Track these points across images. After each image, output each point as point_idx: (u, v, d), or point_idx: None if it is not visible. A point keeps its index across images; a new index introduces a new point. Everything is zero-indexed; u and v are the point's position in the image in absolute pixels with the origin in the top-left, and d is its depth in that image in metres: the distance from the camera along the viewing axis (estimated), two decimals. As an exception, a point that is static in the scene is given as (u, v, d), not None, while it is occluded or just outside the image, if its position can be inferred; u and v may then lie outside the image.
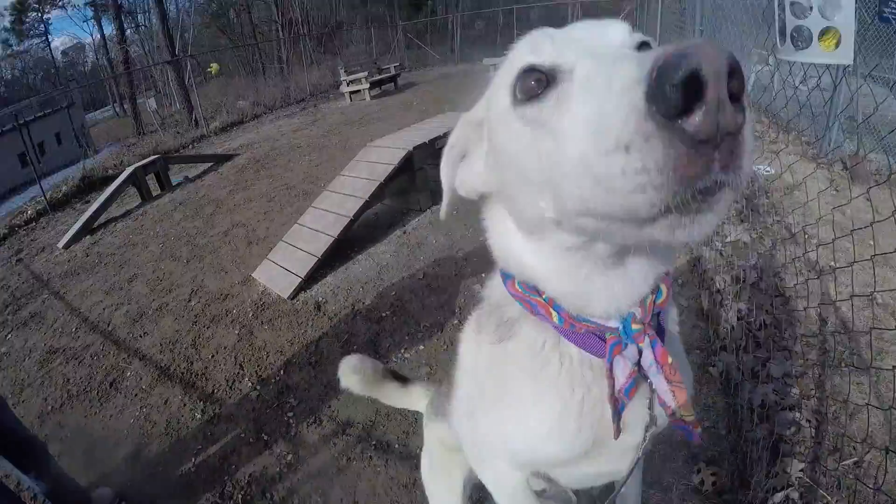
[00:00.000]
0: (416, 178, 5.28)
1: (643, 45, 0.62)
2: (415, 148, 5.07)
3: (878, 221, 1.84)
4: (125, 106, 22.50)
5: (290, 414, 3.07)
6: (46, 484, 2.43)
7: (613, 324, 0.72)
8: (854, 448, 2.11)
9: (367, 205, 4.78)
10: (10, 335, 4.57)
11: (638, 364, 0.73)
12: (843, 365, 2.61)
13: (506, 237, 0.77)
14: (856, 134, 4.54)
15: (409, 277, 4.25)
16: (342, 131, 9.96)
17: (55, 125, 20.70)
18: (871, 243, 2.44)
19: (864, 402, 1.89)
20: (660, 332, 0.76)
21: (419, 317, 3.74)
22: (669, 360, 0.73)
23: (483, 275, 1.00)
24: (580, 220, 0.55)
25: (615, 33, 0.63)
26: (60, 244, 6.48)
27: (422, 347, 3.43)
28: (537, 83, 0.58)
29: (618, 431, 0.76)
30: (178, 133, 12.82)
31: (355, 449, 2.76)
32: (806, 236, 3.24)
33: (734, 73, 0.42)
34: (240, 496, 2.61)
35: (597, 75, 0.50)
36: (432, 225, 5.09)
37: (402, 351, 3.43)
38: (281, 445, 2.87)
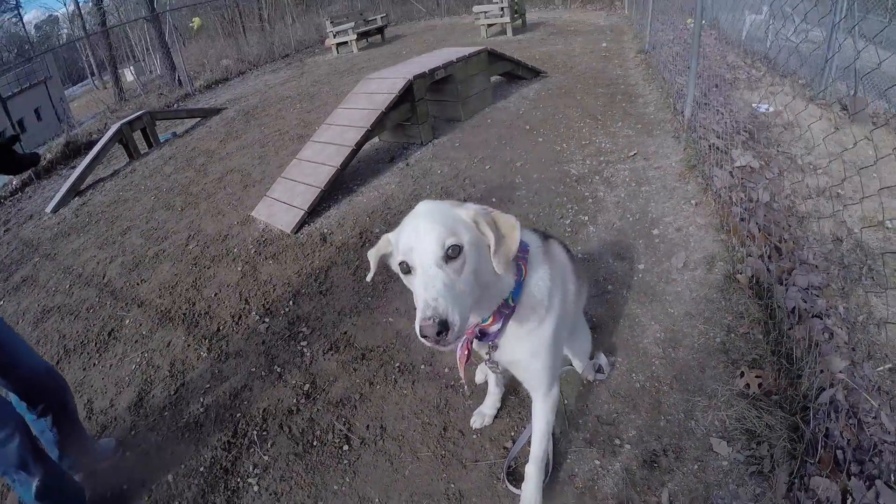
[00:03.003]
0: (416, 109, 4.96)
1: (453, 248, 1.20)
2: (415, 77, 4.80)
3: (847, 149, 2.11)
4: (104, 77, 21.76)
5: (304, 343, 2.84)
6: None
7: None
8: (886, 356, 2.02)
9: (368, 134, 4.47)
10: (1, 301, 4.30)
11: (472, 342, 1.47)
12: (863, 279, 2.63)
13: None
14: (852, 80, 4.92)
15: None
16: (332, 81, 9.51)
17: (34, 100, 19.93)
18: (875, 175, 2.93)
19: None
20: (485, 335, 1.42)
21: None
22: (472, 338, 1.45)
23: (493, 199, 1.72)
24: None
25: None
26: (48, 209, 6.16)
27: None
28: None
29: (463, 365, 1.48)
30: (162, 95, 12.29)
31: (378, 373, 2.53)
32: (812, 167, 3.35)
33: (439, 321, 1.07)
34: (255, 433, 2.38)
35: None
36: (435, 157, 4.80)
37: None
38: (296, 376, 2.64)
